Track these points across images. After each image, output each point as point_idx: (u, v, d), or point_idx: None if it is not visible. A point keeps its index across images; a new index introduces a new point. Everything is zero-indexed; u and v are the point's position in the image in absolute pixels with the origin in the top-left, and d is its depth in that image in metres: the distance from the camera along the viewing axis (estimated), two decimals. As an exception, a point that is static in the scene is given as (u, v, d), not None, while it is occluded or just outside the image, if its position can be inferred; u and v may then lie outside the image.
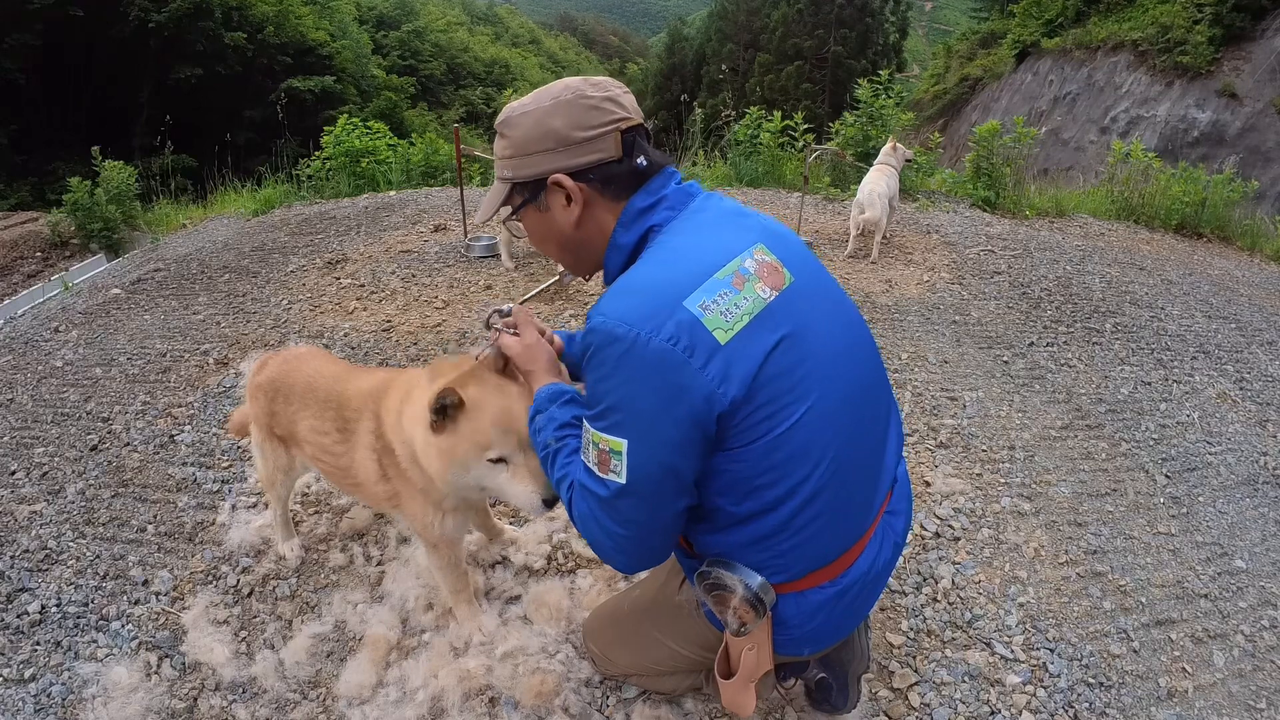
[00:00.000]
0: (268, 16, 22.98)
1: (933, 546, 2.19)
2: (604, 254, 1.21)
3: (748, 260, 1.09)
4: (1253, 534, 2.40)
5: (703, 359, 1.00)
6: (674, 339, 0.99)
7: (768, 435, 1.05)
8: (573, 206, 1.16)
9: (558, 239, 1.23)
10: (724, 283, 1.04)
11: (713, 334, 1.00)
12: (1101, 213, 6.35)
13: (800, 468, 1.07)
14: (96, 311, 4.10)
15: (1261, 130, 13.21)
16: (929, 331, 3.58)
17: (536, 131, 1.14)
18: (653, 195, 1.17)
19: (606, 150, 1.13)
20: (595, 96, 1.13)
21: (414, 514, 1.64)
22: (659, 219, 1.16)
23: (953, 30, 52.46)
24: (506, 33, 61.75)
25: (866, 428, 1.18)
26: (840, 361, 1.13)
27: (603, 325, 1.03)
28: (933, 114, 23.72)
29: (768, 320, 1.05)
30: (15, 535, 2.31)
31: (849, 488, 1.14)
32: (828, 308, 1.16)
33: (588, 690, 1.69)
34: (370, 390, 1.69)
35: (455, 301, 3.80)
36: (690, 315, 1.00)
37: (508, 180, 1.20)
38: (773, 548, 1.13)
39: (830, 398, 1.09)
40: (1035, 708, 1.71)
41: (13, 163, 18.24)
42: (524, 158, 1.16)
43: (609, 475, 1.06)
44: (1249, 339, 3.90)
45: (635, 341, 1.00)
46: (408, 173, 6.86)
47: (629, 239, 1.17)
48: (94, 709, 1.72)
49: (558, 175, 1.14)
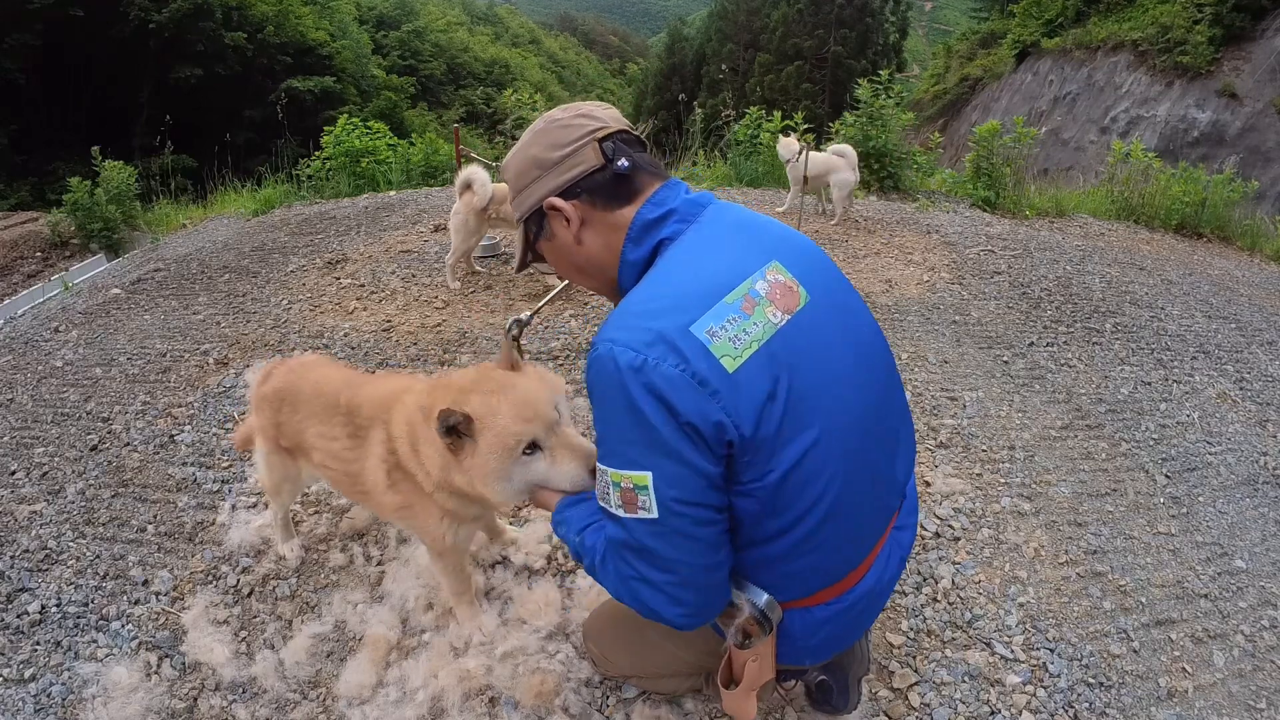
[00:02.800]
0: (268, 16, 23.00)
1: (933, 546, 2.19)
2: (617, 270, 1.19)
3: (759, 282, 1.05)
4: (1253, 534, 2.40)
5: (713, 386, 0.97)
6: (682, 365, 0.97)
7: (776, 467, 1.02)
8: (571, 226, 1.16)
9: (573, 264, 1.23)
10: (733, 307, 1.01)
11: (720, 361, 0.98)
12: (1101, 213, 6.35)
13: (809, 494, 1.05)
14: (96, 311, 4.10)
15: (1261, 130, 13.21)
16: (929, 331, 3.58)
17: (522, 165, 1.18)
18: (660, 207, 1.14)
19: (586, 161, 1.13)
20: (565, 117, 1.16)
21: (425, 526, 1.62)
22: (669, 232, 1.13)
23: (953, 30, 52.47)
24: (506, 33, 61.78)
25: (876, 446, 1.16)
26: (850, 383, 1.10)
27: (609, 354, 1.00)
28: (933, 114, 23.73)
29: (777, 347, 1.02)
30: (15, 535, 2.31)
31: (858, 508, 1.13)
32: (841, 325, 1.13)
33: (588, 690, 1.69)
34: (382, 398, 1.66)
35: (455, 302, 3.80)
36: (697, 342, 0.98)
37: (519, 221, 1.23)
38: (781, 569, 1.12)
39: (839, 422, 1.06)
40: (1035, 708, 1.71)
41: (13, 163, 18.26)
42: (520, 194, 1.20)
43: (639, 513, 1.01)
44: (1249, 339, 3.90)
45: (642, 368, 0.97)
46: (408, 173, 6.86)
47: (639, 254, 1.14)
48: (94, 709, 1.72)
49: (549, 199, 1.15)
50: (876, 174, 6.27)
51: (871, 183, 6.27)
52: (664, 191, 1.16)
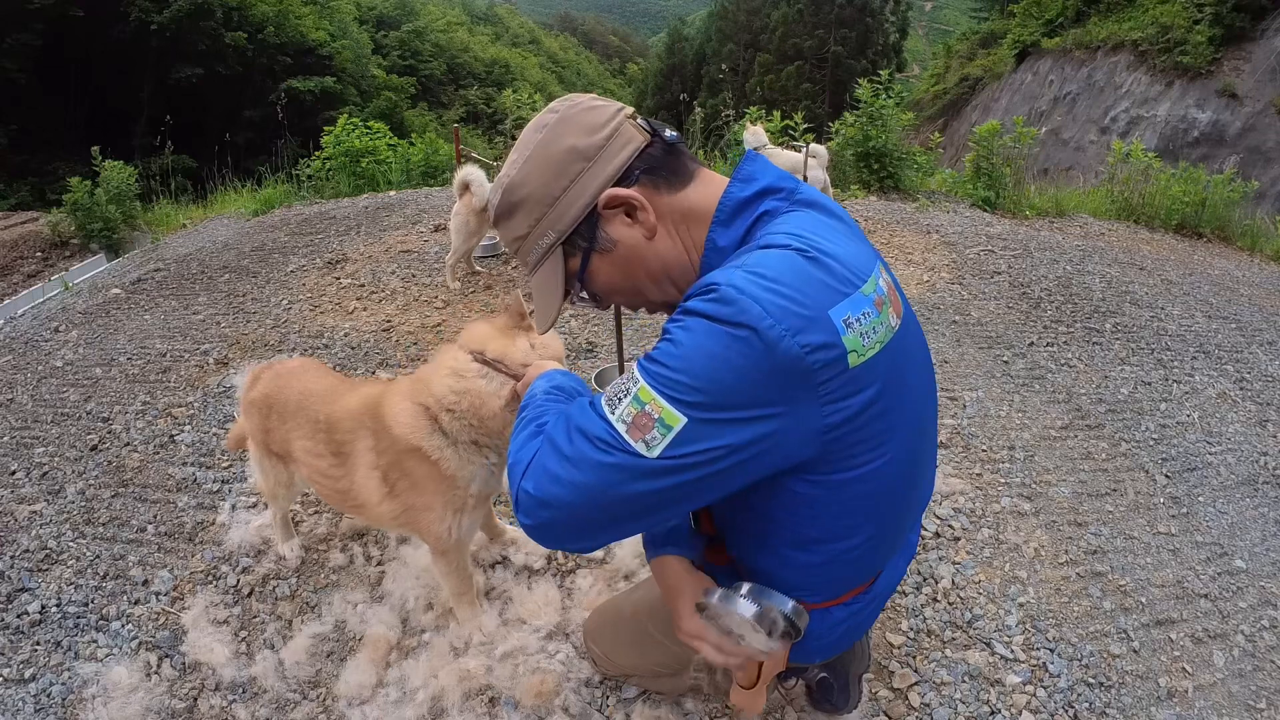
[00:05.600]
0: (268, 16, 22.99)
1: (933, 546, 2.19)
2: (689, 275, 1.02)
3: (881, 280, 0.95)
4: (1253, 534, 2.40)
5: (828, 377, 0.86)
6: (811, 349, 0.84)
7: (847, 472, 0.95)
8: (642, 219, 0.97)
9: (642, 274, 1.02)
10: (868, 300, 0.90)
11: (848, 355, 0.86)
12: (1101, 213, 6.35)
13: (866, 508, 1.00)
14: (96, 311, 4.10)
15: (1261, 130, 13.22)
16: (929, 331, 3.58)
17: (551, 167, 0.97)
18: (753, 183, 0.99)
19: (634, 138, 0.97)
20: (582, 100, 1.00)
21: (427, 527, 1.62)
22: (770, 206, 0.98)
23: (953, 30, 52.50)
24: (506, 33, 61.74)
25: (921, 462, 1.12)
26: (922, 406, 1.05)
27: (737, 297, 0.83)
28: (933, 114, 23.75)
29: (890, 354, 0.92)
30: (15, 535, 2.31)
31: (899, 522, 1.11)
32: (918, 340, 1.07)
33: (588, 690, 1.69)
34: (358, 407, 1.63)
35: (455, 301, 3.80)
36: (834, 329, 0.85)
37: (552, 247, 1.01)
38: (820, 574, 1.09)
39: (907, 443, 1.00)
40: (1035, 708, 1.71)
41: (13, 163, 18.24)
42: (554, 205, 0.97)
43: (635, 443, 0.85)
44: (1249, 339, 3.90)
45: (768, 334, 0.82)
46: (408, 173, 6.86)
47: (732, 237, 0.98)
48: (94, 709, 1.72)
49: (609, 190, 0.96)
50: (876, 174, 6.27)
51: (871, 183, 6.27)
52: (749, 165, 1.01)
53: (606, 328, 3.50)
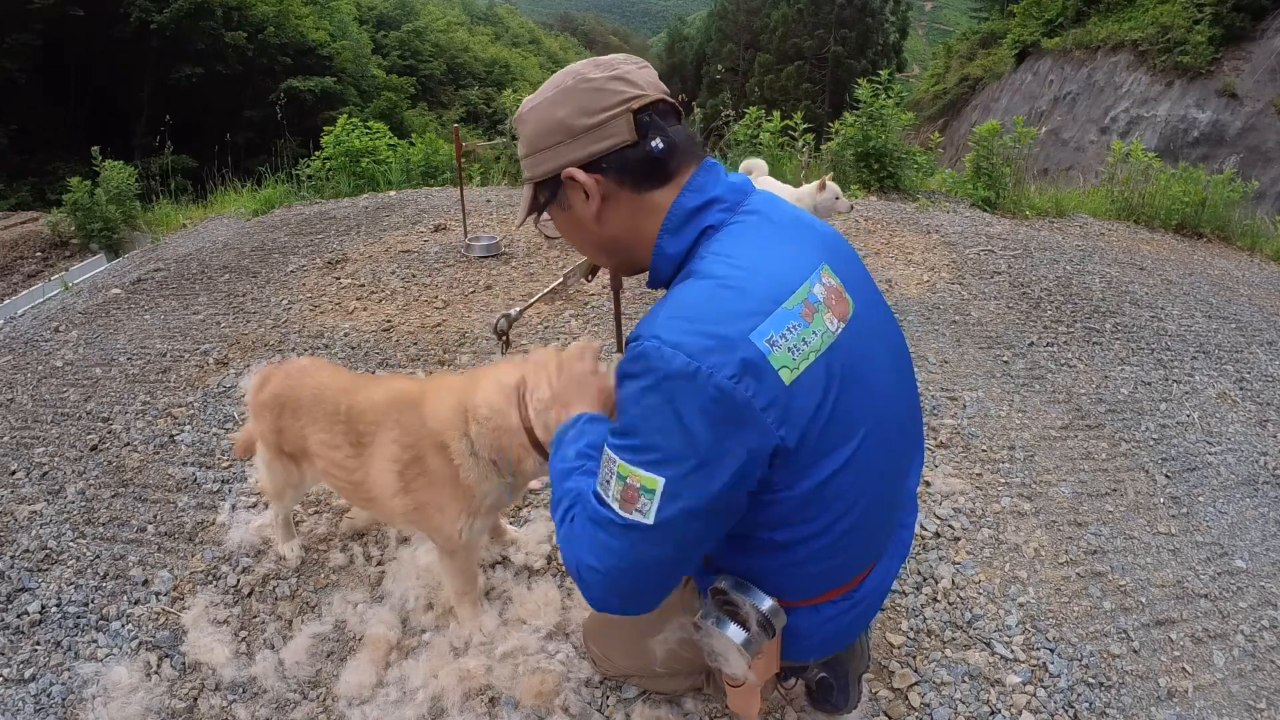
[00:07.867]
0: (268, 16, 22.98)
1: (933, 546, 2.19)
2: (644, 255, 1.10)
3: (816, 285, 0.99)
4: (1253, 534, 2.40)
5: (765, 400, 0.91)
6: (737, 378, 0.89)
7: (813, 476, 0.99)
8: (590, 201, 1.06)
9: (588, 239, 1.14)
10: (793, 314, 0.94)
11: (779, 373, 0.91)
12: (1101, 213, 6.35)
13: (836, 506, 1.03)
14: (96, 311, 4.10)
15: (1261, 130, 13.23)
16: (929, 331, 3.58)
17: (544, 125, 1.06)
18: (701, 194, 1.05)
19: (619, 135, 1.02)
20: (599, 78, 1.03)
21: (438, 526, 1.62)
22: (714, 219, 1.05)
23: (953, 30, 52.49)
24: (506, 33, 61.70)
25: (901, 456, 1.15)
26: (887, 396, 1.08)
27: (657, 351, 0.91)
28: (933, 114, 23.75)
29: (832, 358, 0.97)
30: (15, 535, 2.31)
31: (878, 515, 1.13)
32: (881, 336, 1.10)
33: (588, 690, 1.69)
34: (385, 400, 1.65)
35: (455, 301, 3.80)
36: (757, 352, 0.90)
37: (529, 181, 1.12)
38: (798, 572, 1.11)
39: (875, 437, 1.04)
40: (1035, 708, 1.71)
41: (13, 163, 18.23)
42: (537, 155, 1.08)
43: (633, 515, 0.95)
44: (1249, 339, 3.90)
45: (695, 376, 0.89)
46: (408, 173, 6.86)
47: (679, 246, 1.06)
48: (94, 709, 1.72)
49: (569, 169, 1.04)
50: (876, 174, 6.27)
51: (871, 183, 6.27)
52: (702, 176, 1.07)
53: (607, 327, 3.50)
